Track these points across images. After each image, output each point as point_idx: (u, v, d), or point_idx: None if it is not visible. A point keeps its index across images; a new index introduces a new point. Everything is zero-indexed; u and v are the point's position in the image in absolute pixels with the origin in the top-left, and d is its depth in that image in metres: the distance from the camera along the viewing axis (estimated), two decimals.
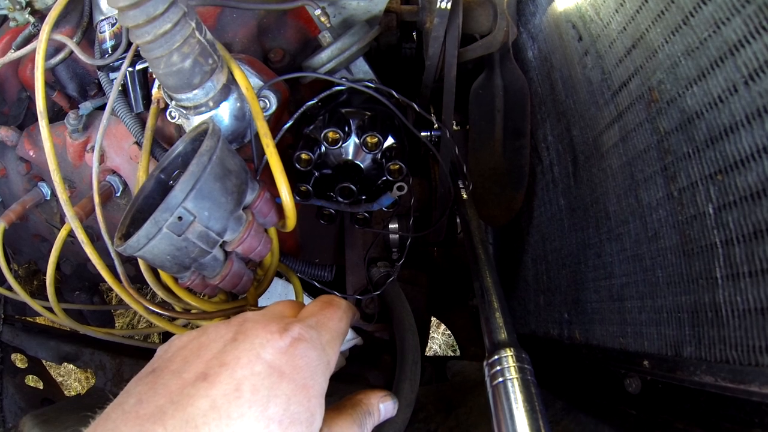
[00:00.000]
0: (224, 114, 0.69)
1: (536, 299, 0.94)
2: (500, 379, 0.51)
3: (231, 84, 0.67)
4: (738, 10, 0.45)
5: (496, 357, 0.53)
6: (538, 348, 0.90)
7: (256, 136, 0.70)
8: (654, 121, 0.58)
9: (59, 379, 2.05)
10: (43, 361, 1.19)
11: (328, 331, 0.46)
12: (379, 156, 0.81)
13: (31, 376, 1.17)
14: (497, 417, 0.49)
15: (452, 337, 1.74)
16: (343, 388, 0.88)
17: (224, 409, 0.37)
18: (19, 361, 1.17)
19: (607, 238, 0.70)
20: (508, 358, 0.52)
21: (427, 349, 1.51)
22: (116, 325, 1.78)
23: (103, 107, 0.83)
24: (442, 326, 2.13)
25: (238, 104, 0.69)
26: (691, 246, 0.53)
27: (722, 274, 0.48)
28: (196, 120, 0.68)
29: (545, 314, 0.89)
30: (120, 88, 0.76)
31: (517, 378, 0.50)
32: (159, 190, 0.64)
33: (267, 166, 0.67)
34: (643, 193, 0.61)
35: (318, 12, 0.78)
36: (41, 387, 1.18)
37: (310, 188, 0.80)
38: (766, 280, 0.43)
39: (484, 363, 0.55)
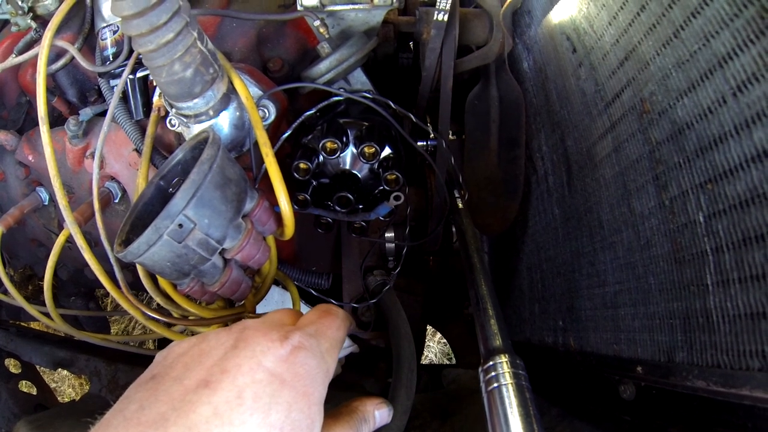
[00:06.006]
0: (224, 123, 0.69)
1: (531, 307, 0.95)
2: (495, 385, 0.51)
3: (231, 93, 0.68)
4: (726, 23, 0.47)
5: (491, 363, 0.53)
6: (534, 355, 0.90)
7: (255, 145, 0.70)
8: (646, 132, 0.59)
9: (53, 385, 2.04)
10: (37, 367, 1.19)
11: (327, 340, 0.47)
12: (376, 166, 0.82)
13: (24, 382, 1.17)
14: (492, 422, 0.50)
15: (448, 345, 1.74)
16: (340, 396, 0.88)
17: (226, 416, 0.37)
18: (12, 366, 1.16)
19: (601, 246, 0.71)
20: (503, 364, 0.52)
21: (422, 357, 1.52)
22: (111, 331, 1.78)
23: (103, 114, 0.84)
24: (438, 335, 2.13)
25: (238, 113, 0.70)
26: (682, 254, 0.54)
27: (713, 280, 0.49)
28: (196, 128, 0.69)
29: (540, 322, 0.90)
30: (120, 95, 0.77)
31: (511, 383, 0.51)
32: (158, 198, 0.64)
33: (266, 175, 0.68)
34: (635, 202, 0.62)
35: (317, 23, 0.80)
36: (35, 393, 1.18)
37: (308, 197, 0.81)
38: (755, 286, 0.44)
39: (479, 369, 0.56)
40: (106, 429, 0.38)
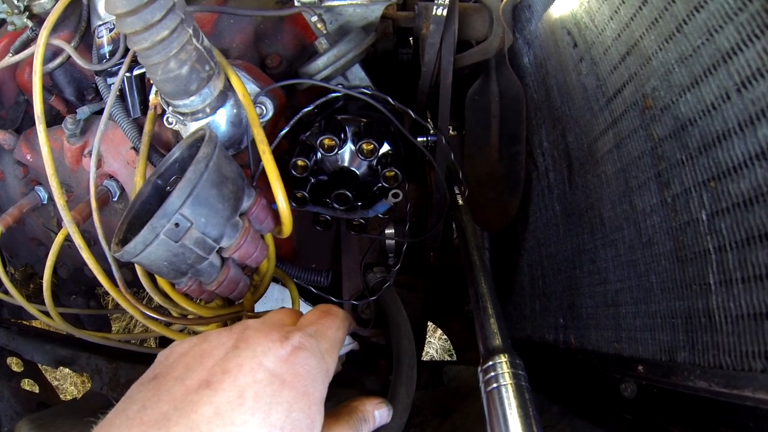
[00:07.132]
0: (221, 120, 0.69)
1: (532, 304, 0.94)
2: (494, 385, 0.51)
3: (228, 90, 0.68)
4: (731, 17, 0.46)
5: (490, 363, 0.53)
6: (534, 353, 0.90)
7: (253, 142, 0.70)
8: (648, 128, 0.58)
9: (55, 383, 2.04)
10: (39, 365, 1.19)
11: (326, 340, 0.47)
12: (374, 163, 0.81)
13: (26, 380, 1.17)
14: (491, 422, 0.49)
15: (449, 341, 1.75)
16: (340, 393, 0.88)
17: (228, 415, 0.38)
18: (14, 364, 1.17)
19: (602, 243, 0.70)
20: (503, 364, 0.52)
21: (423, 353, 1.52)
22: (112, 329, 1.78)
23: (100, 112, 0.83)
24: (439, 331, 2.13)
25: (235, 111, 0.70)
26: (684, 252, 0.53)
27: (715, 280, 0.49)
28: (193, 126, 0.68)
29: (541, 319, 0.90)
30: (117, 94, 0.77)
31: (511, 384, 0.50)
32: (156, 196, 0.64)
33: (263, 173, 0.68)
34: (637, 199, 0.61)
35: (315, 18, 0.79)
36: (37, 391, 1.18)
37: (306, 195, 0.80)
38: (758, 286, 0.44)
39: (479, 369, 0.55)
40: (109, 428, 0.38)
